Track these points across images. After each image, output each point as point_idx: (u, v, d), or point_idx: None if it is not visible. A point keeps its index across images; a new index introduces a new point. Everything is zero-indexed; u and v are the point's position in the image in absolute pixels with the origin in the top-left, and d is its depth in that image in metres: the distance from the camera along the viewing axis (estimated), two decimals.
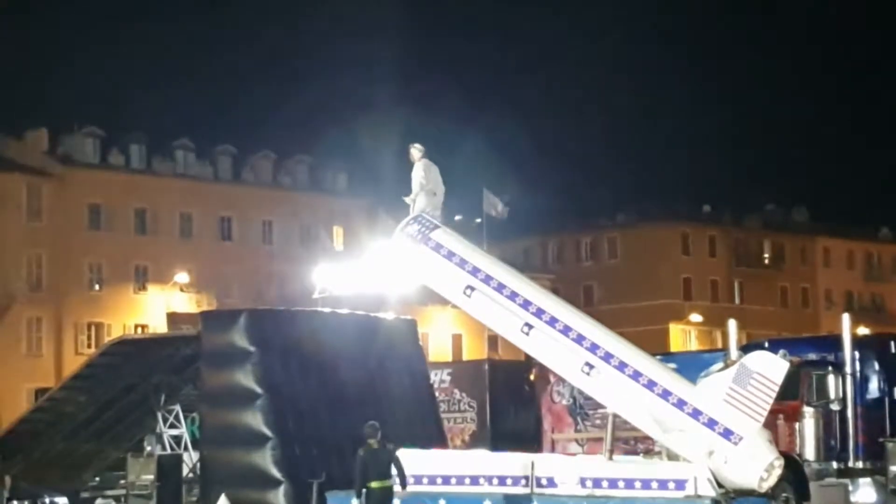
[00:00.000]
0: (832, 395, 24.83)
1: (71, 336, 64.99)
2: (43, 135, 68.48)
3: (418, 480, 20.76)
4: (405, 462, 19.82)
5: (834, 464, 24.91)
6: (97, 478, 33.23)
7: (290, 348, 26.46)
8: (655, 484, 20.09)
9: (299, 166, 76.10)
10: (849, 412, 24.97)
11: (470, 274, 21.58)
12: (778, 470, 19.63)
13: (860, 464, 25.10)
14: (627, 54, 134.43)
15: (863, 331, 43.12)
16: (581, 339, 20.63)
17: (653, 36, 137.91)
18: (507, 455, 23.18)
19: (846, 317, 25.92)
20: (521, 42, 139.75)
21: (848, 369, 25.01)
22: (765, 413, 19.60)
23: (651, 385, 20.06)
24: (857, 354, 25.38)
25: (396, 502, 19.68)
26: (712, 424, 19.56)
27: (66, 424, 31.43)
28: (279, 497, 25.05)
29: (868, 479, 25.01)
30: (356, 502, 19.34)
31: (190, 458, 30.15)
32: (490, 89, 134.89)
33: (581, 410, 31.06)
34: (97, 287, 66.60)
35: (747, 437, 19.42)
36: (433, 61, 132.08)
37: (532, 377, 32.76)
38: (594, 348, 20.52)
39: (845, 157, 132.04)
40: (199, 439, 28.31)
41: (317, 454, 25.46)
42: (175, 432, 31.24)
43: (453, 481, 21.72)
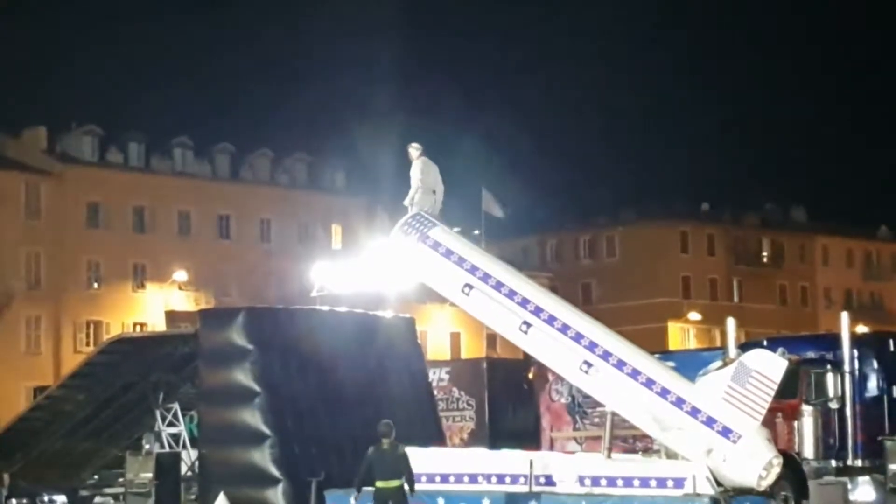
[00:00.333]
0: (831, 394, 24.83)
1: (69, 334, 65.00)
2: (41, 133, 68.48)
3: (417, 479, 20.72)
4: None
5: (833, 462, 24.93)
6: (96, 476, 33.21)
7: (289, 347, 26.42)
8: (654, 482, 20.08)
9: (298, 165, 76.08)
10: (847, 410, 24.97)
11: (468, 272, 21.54)
12: (777, 468, 19.61)
13: (859, 462, 25.10)
14: (627, 54, 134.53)
15: (861, 329, 43.03)
16: (580, 338, 20.61)
17: (653, 35, 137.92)
18: (506, 453, 23.16)
19: (845, 315, 25.91)
20: (521, 42, 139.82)
21: (847, 367, 25.00)
22: (763, 411, 19.58)
23: (650, 383, 20.04)
24: (856, 353, 25.36)
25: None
26: (711, 423, 19.54)
27: (65, 423, 31.38)
28: (278, 496, 25.01)
29: (867, 478, 25.00)
30: (353, 500, 19.27)
31: (188, 457, 30.14)
32: (490, 89, 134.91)
33: (580, 409, 31.05)
34: (96, 285, 66.59)
35: (746, 436, 19.40)
36: (433, 61, 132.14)
37: (531, 375, 32.74)
38: (593, 346, 20.50)
39: (844, 156, 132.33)
40: (198, 437, 28.28)
41: (315, 453, 25.42)
42: (173, 430, 31.23)
43: (452, 479, 21.70)
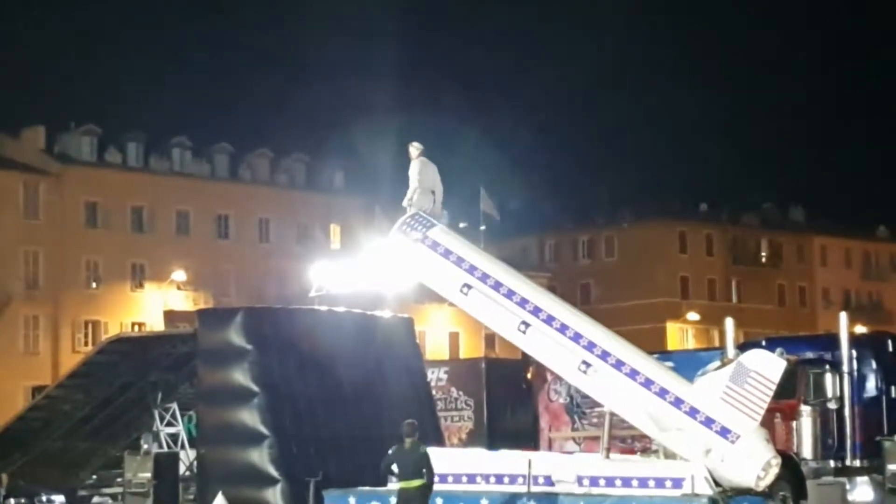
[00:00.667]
0: (829, 394, 24.82)
1: (68, 334, 64.95)
2: (40, 133, 68.41)
3: None
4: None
5: (831, 462, 24.91)
6: (94, 476, 33.20)
7: (287, 346, 26.43)
8: (652, 482, 20.08)
9: (296, 165, 76.06)
10: (846, 411, 24.96)
11: (467, 272, 21.54)
12: (775, 468, 19.60)
13: (857, 462, 25.12)
14: (627, 54, 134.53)
15: (860, 329, 43.01)
16: (578, 338, 20.61)
17: (652, 35, 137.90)
18: (505, 453, 23.18)
19: (843, 315, 25.90)
20: (521, 42, 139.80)
21: (845, 368, 25.00)
22: (762, 411, 19.57)
23: (648, 383, 20.03)
24: (855, 353, 25.34)
25: (393, 501, 19.66)
26: (709, 423, 19.54)
27: (63, 422, 31.37)
28: (276, 495, 25.02)
29: (865, 478, 25.00)
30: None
31: (187, 456, 30.13)
32: (489, 89, 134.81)
33: (578, 409, 31.06)
34: (94, 285, 66.54)
35: (744, 436, 19.40)
36: (432, 61, 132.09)
37: (529, 375, 32.77)
38: (591, 346, 20.50)
39: (843, 157, 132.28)
40: (196, 437, 28.28)
41: (314, 453, 25.44)
42: (172, 430, 31.20)
43: (450, 479, 21.67)
